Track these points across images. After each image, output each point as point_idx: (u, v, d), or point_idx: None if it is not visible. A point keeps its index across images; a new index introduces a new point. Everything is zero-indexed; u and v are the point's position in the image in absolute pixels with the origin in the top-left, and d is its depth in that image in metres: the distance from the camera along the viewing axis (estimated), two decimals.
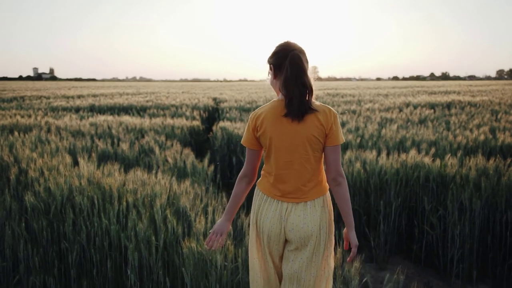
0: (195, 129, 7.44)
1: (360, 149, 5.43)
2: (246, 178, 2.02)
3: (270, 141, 1.87)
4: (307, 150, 1.85)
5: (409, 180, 4.07)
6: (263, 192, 1.95)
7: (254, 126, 1.91)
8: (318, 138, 1.85)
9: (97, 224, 2.83)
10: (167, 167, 4.52)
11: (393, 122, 7.35)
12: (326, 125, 1.85)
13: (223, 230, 2.02)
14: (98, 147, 5.06)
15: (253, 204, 2.00)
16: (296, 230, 1.86)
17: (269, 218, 1.90)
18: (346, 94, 16.19)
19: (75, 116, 8.05)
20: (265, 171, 1.99)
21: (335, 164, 1.88)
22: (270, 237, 1.91)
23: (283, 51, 1.87)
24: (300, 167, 1.87)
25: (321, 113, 1.85)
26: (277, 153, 1.88)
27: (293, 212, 1.87)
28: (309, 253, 1.89)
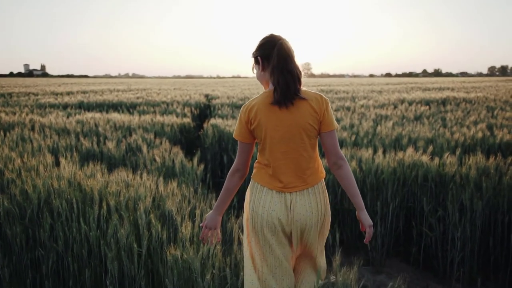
0: (186, 126, 7.24)
1: (355, 147, 5.27)
2: (238, 172, 1.99)
3: (265, 132, 1.86)
4: (303, 138, 1.86)
5: (407, 180, 3.91)
6: (262, 184, 1.92)
7: (248, 118, 1.88)
8: (313, 126, 1.86)
9: (76, 230, 2.63)
10: (154, 167, 4.33)
11: (388, 119, 7.20)
12: (320, 112, 1.86)
13: (215, 224, 2.02)
14: (83, 146, 4.85)
15: (251, 198, 1.95)
16: (303, 219, 1.88)
17: (275, 210, 1.88)
18: (339, 91, 16.04)
19: (62, 113, 7.81)
20: (260, 163, 1.96)
21: (334, 148, 1.92)
22: (279, 225, 1.88)
23: (269, 42, 1.88)
24: (298, 156, 1.88)
25: (314, 101, 1.86)
26: (273, 144, 1.87)
27: (298, 202, 1.88)
28: (314, 239, 1.94)
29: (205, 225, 2.03)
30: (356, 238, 4.05)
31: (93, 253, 2.59)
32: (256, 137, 1.92)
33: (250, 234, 1.96)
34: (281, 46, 1.85)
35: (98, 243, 2.57)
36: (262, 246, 1.93)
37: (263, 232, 1.91)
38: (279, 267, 1.95)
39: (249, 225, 1.96)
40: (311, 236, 1.93)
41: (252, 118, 1.87)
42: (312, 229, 1.91)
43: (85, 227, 2.60)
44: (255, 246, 1.96)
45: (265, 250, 1.93)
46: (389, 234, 3.81)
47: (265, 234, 1.91)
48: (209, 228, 2.03)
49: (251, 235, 1.96)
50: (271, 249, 1.92)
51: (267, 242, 1.92)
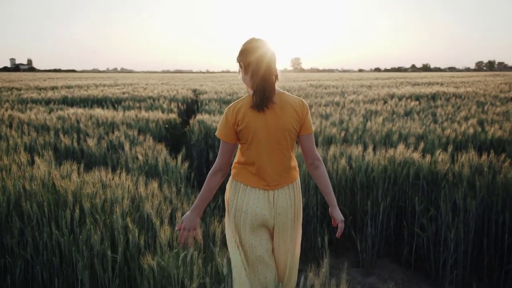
0: (172, 122, 7.04)
1: (345, 143, 5.14)
2: (221, 171, 2.04)
3: (253, 134, 1.94)
4: (286, 140, 1.97)
5: (398, 178, 3.79)
6: (246, 183, 2.00)
7: (235, 120, 1.95)
8: (295, 129, 1.98)
9: (47, 235, 2.45)
10: (136, 165, 4.15)
11: (378, 115, 7.08)
12: (302, 116, 1.99)
13: (194, 225, 2.03)
14: (62, 144, 4.65)
15: (234, 197, 2.02)
16: (284, 213, 2.00)
17: (259, 207, 1.97)
18: (329, 86, 15.91)
19: (43, 109, 7.56)
20: (242, 163, 2.03)
21: (311, 150, 2.05)
22: (263, 221, 1.99)
23: (249, 49, 1.96)
24: (281, 157, 1.99)
25: (297, 106, 1.98)
26: (259, 145, 1.95)
27: (280, 196, 1.99)
28: (292, 231, 2.06)
29: (183, 227, 2.03)
30: (345, 238, 3.92)
31: (65, 261, 2.41)
32: (241, 138, 1.99)
33: (233, 232, 2.03)
34: (259, 54, 1.94)
35: (70, 249, 2.39)
36: (244, 244, 2.02)
37: (245, 230, 2.00)
38: (261, 263, 2.04)
39: (232, 224, 2.03)
40: (290, 228, 2.05)
41: (240, 120, 1.94)
42: (291, 222, 2.05)
43: (56, 232, 2.42)
44: (238, 244, 2.04)
45: (247, 248, 2.02)
46: (379, 234, 3.69)
47: (248, 231, 2.00)
48: (187, 229, 2.02)
49: (234, 233, 2.03)
50: (253, 246, 2.02)
51: (249, 240, 2.01)
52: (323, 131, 5.53)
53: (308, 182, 3.83)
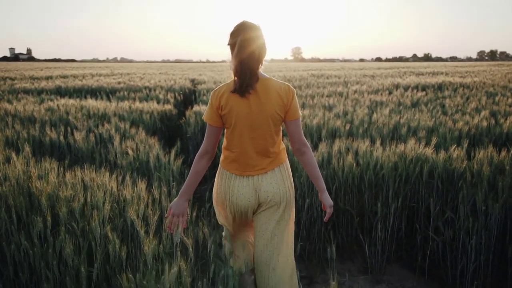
0: (167, 114, 6.71)
1: (350, 137, 4.81)
2: (207, 154, 2.09)
3: (236, 119, 1.95)
4: (270, 125, 1.97)
5: (410, 176, 3.47)
6: (230, 171, 2.05)
7: (218, 104, 1.98)
8: (279, 114, 1.98)
9: (15, 247, 2.14)
10: (126, 161, 3.84)
11: (384, 106, 6.75)
12: (287, 101, 1.98)
13: (183, 210, 2.04)
14: (46, 137, 4.32)
15: (220, 183, 2.11)
16: (271, 196, 2.04)
17: (243, 194, 2.03)
18: (331, 75, 15.53)
19: (34, 100, 7.23)
20: (227, 149, 2.07)
21: (297, 135, 2.04)
22: (247, 208, 2.06)
23: (237, 31, 1.94)
24: (264, 142, 2.00)
25: (282, 91, 1.97)
26: (242, 130, 1.97)
27: (265, 182, 2.03)
28: (280, 213, 2.08)
29: (172, 213, 2.04)
30: (352, 241, 3.62)
31: (35, 276, 2.10)
32: (225, 122, 2.01)
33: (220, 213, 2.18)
34: (244, 36, 1.90)
35: (40, 263, 2.09)
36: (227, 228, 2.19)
37: (231, 214, 2.11)
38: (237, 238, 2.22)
39: (218, 208, 2.18)
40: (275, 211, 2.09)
41: (223, 105, 1.96)
42: (279, 207, 2.08)
43: (26, 243, 2.11)
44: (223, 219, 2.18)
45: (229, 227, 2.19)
46: (389, 238, 3.38)
47: (231, 217, 2.13)
48: (176, 215, 2.04)
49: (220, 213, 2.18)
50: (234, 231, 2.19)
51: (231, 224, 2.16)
52: (326, 124, 5.20)
53: (311, 181, 3.52)
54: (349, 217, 3.60)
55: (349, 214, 3.60)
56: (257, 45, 1.92)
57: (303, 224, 3.52)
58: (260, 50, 1.93)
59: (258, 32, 1.94)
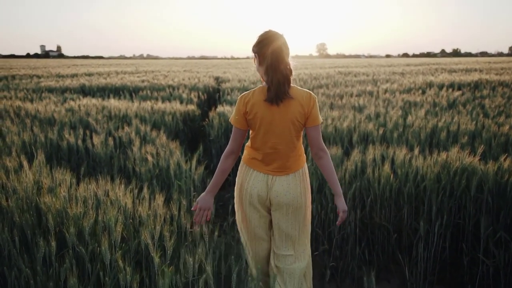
0: (190, 114, 6.49)
1: (384, 142, 4.47)
2: (233, 155, 2.21)
3: (260, 124, 2.08)
4: (291, 132, 2.09)
5: (455, 190, 3.12)
6: (251, 167, 2.19)
7: (245, 110, 2.10)
8: (300, 121, 2.09)
9: (16, 274, 1.92)
10: (145, 168, 3.61)
11: (419, 107, 6.35)
12: (307, 109, 2.08)
13: (209, 205, 2.19)
14: (64, 141, 4.14)
15: (240, 177, 2.25)
16: (280, 197, 2.16)
17: (256, 187, 2.17)
18: (359, 73, 15.04)
19: (56, 99, 7.13)
20: (251, 148, 2.20)
21: (316, 141, 2.15)
22: (258, 198, 2.19)
23: (265, 40, 2.06)
24: (285, 147, 2.12)
25: (303, 99, 2.08)
26: (266, 135, 2.10)
27: (277, 182, 2.15)
28: (292, 214, 2.20)
29: (199, 207, 2.19)
30: (389, 259, 3.29)
31: None
32: (250, 126, 2.15)
33: (238, 207, 2.30)
34: (275, 48, 2.03)
35: None
36: (245, 217, 2.29)
37: (246, 205, 2.24)
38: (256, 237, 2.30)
39: (237, 198, 2.29)
40: (286, 213, 2.20)
41: (249, 110, 2.09)
42: (290, 208, 2.19)
43: (27, 270, 1.89)
44: (241, 215, 2.30)
45: (245, 218, 2.28)
46: (432, 258, 3.04)
47: (247, 206, 2.24)
48: (202, 209, 2.19)
49: (238, 207, 2.30)
50: (249, 220, 2.27)
51: (247, 214, 2.27)
52: (357, 127, 4.87)
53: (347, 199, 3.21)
54: (386, 233, 3.28)
55: (385, 230, 3.28)
56: (286, 54, 2.06)
57: (335, 241, 3.22)
58: (287, 57, 2.07)
59: (284, 41, 2.07)
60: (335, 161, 3.62)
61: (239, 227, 2.37)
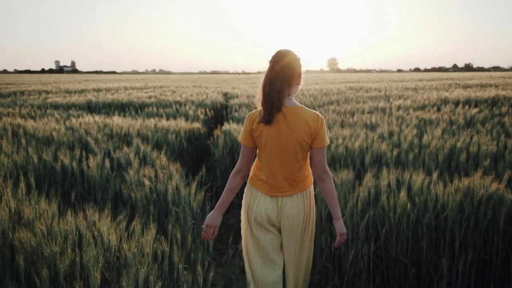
0: (195, 132, 6.25)
1: (399, 165, 4.17)
2: (241, 173, 2.23)
3: (265, 143, 2.12)
4: (297, 151, 2.12)
5: (480, 222, 2.81)
6: (257, 189, 2.20)
7: (251, 128, 2.14)
8: (306, 141, 2.11)
9: None
10: (141, 194, 3.36)
11: (435, 125, 6.03)
12: (314, 130, 2.10)
13: (216, 223, 2.22)
14: (59, 163, 3.92)
15: (246, 199, 2.26)
16: (290, 218, 2.18)
17: (267, 209, 2.18)
18: (370, 88, 14.74)
19: (58, 117, 6.95)
20: (257, 168, 2.22)
21: (320, 163, 2.16)
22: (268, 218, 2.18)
23: (272, 61, 2.11)
24: (290, 166, 2.14)
25: (310, 119, 2.10)
26: (271, 153, 2.13)
27: (288, 204, 2.17)
28: (300, 235, 2.23)
29: (207, 224, 2.22)
30: None
31: None
32: (256, 144, 2.17)
33: (246, 230, 2.26)
34: (272, 69, 2.08)
35: None
36: (253, 236, 2.23)
37: (255, 225, 2.20)
38: (266, 257, 2.22)
39: (244, 220, 2.27)
40: (295, 234, 2.21)
41: (255, 128, 2.12)
42: (299, 228, 2.20)
43: None
44: (250, 238, 2.25)
45: (255, 241, 2.22)
46: None
47: (256, 228, 2.20)
48: (210, 226, 2.22)
49: (247, 230, 2.26)
50: (259, 241, 2.21)
51: (256, 236, 2.22)
52: (370, 147, 4.57)
53: (357, 231, 2.93)
54: (403, 269, 2.97)
55: (402, 265, 2.96)
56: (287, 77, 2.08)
57: (347, 277, 2.91)
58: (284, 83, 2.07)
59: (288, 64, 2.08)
60: (346, 186, 3.34)
61: (245, 252, 2.31)
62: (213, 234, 2.23)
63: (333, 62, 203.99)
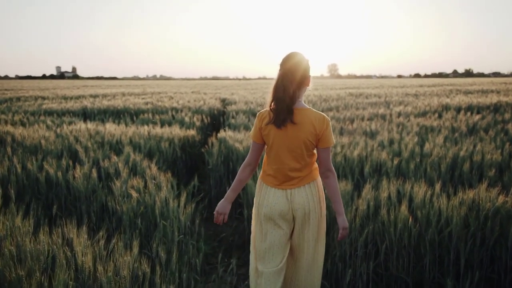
0: (190, 140, 6.08)
1: (399, 175, 4.00)
2: (250, 166, 2.35)
3: (273, 141, 2.22)
4: (302, 150, 2.20)
5: (487, 238, 2.63)
6: (267, 184, 2.30)
7: (260, 125, 2.24)
8: (312, 142, 2.20)
9: None
10: (127, 206, 3.19)
11: (436, 132, 5.86)
12: (320, 131, 2.19)
13: (226, 211, 2.36)
14: (43, 173, 3.74)
15: (258, 194, 2.35)
16: (301, 207, 2.24)
17: (277, 203, 2.25)
18: (370, 94, 14.57)
19: (50, 123, 6.78)
20: (266, 164, 2.32)
21: (325, 162, 2.26)
22: (280, 214, 2.25)
23: (282, 63, 2.20)
24: (296, 163, 2.22)
25: (316, 120, 2.18)
26: (278, 151, 2.22)
27: (297, 195, 2.24)
28: (312, 225, 2.27)
29: (217, 211, 2.34)
30: None
31: None
32: (265, 141, 2.27)
33: (256, 222, 2.36)
34: (284, 74, 2.17)
35: None
36: (261, 231, 2.32)
37: (265, 220, 2.29)
38: (270, 251, 2.28)
39: (255, 215, 2.37)
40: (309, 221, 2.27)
41: (264, 126, 2.23)
42: (311, 216, 2.27)
43: None
44: (258, 233, 2.34)
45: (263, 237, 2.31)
46: None
47: (266, 223, 2.29)
48: (220, 213, 2.34)
49: (257, 225, 2.35)
50: (267, 236, 2.29)
51: (265, 231, 2.30)
52: (369, 156, 4.40)
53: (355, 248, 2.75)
54: (404, 287, 2.78)
55: (403, 283, 2.78)
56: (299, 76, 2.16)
57: None
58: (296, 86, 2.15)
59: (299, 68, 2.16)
60: (344, 198, 3.17)
61: (252, 245, 2.40)
62: (223, 220, 2.34)
63: (333, 67, 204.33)
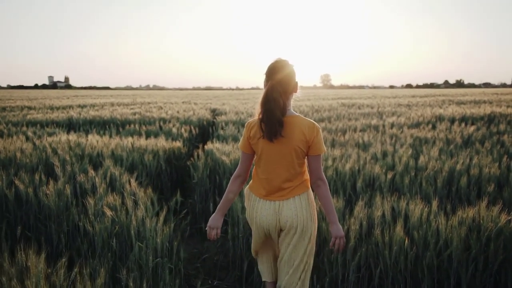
0: (175, 152, 5.84)
1: (393, 191, 3.79)
2: (240, 177, 2.32)
3: (261, 150, 2.19)
4: (292, 158, 2.17)
5: (490, 262, 2.41)
6: (256, 195, 2.26)
7: (249, 135, 2.22)
8: (302, 149, 2.16)
9: None
10: (100, 226, 2.93)
11: (431, 144, 5.67)
12: (310, 138, 2.15)
13: (218, 224, 2.31)
14: (12, 189, 3.48)
15: (247, 205, 2.32)
16: (290, 221, 2.19)
17: (265, 215, 2.22)
18: (363, 105, 14.43)
19: (31, 135, 6.51)
20: (255, 175, 2.29)
21: (316, 170, 2.21)
22: (269, 228, 2.24)
23: (269, 72, 2.17)
24: (286, 172, 2.19)
25: (305, 127, 2.14)
26: (267, 160, 2.20)
27: (285, 207, 2.19)
28: (298, 237, 2.20)
29: (208, 226, 2.32)
30: None
31: None
32: (254, 151, 2.25)
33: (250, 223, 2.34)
34: (273, 86, 2.10)
35: None
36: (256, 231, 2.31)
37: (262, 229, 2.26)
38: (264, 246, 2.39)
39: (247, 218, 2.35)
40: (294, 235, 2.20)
41: (252, 136, 2.20)
42: (298, 229, 2.19)
43: None
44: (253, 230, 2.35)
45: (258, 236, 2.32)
46: None
47: (257, 233, 2.31)
48: (212, 228, 2.30)
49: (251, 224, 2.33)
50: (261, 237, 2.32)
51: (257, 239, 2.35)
52: (362, 170, 4.19)
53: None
54: None
55: None
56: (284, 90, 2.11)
57: None
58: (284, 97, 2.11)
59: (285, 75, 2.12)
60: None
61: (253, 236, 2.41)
62: (216, 234, 2.29)
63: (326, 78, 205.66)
